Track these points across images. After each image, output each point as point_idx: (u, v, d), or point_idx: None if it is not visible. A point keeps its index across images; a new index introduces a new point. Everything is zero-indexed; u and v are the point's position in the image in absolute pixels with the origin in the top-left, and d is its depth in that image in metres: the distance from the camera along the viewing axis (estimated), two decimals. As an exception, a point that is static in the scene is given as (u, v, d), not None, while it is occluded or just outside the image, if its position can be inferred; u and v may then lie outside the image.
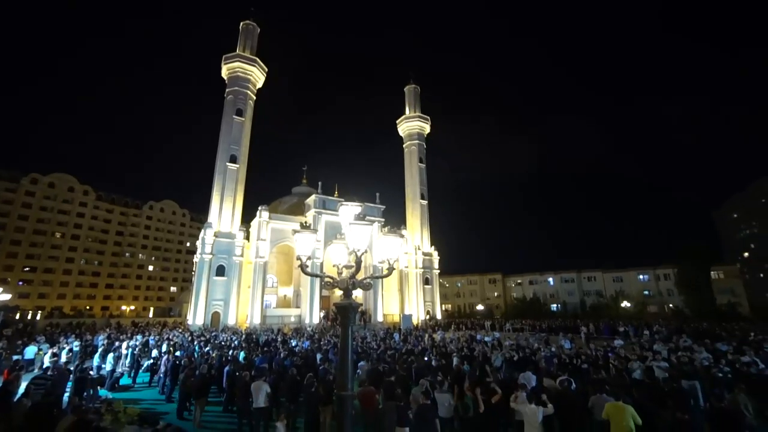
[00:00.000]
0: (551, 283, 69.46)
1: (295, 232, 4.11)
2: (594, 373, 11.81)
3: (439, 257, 54.62)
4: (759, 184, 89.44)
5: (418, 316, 47.40)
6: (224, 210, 39.68)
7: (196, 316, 35.45)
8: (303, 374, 11.24)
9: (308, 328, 33.25)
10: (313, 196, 44.65)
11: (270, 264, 44.32)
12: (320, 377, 11.44)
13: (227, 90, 44.33)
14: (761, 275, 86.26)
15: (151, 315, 68.89)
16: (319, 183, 44.67)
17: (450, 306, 72.26)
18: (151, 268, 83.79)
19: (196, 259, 38.87)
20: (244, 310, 38.80)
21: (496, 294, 73.33)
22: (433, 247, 54.49)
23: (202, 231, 38.29)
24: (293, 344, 21.36)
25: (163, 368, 14.41)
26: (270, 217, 41.24)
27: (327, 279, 4.07)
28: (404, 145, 58.70)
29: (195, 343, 21.08)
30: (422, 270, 51.37)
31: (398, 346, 20.18)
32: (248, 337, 25.16)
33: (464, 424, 7.09)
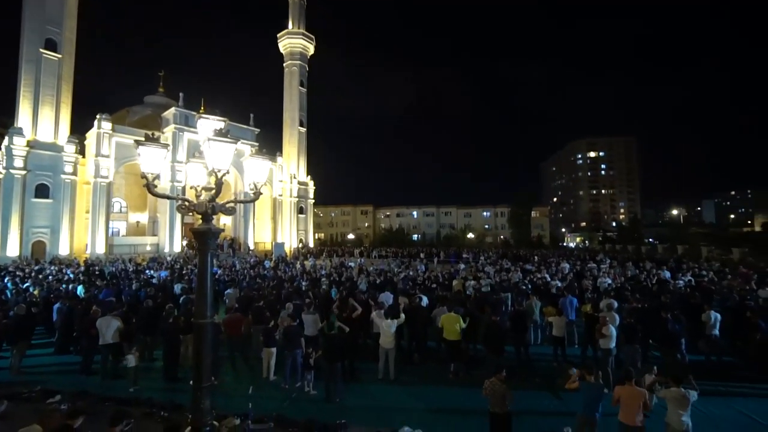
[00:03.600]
0: (415, 215, 77.77)
1: (138, 144, 3.44)
2: (440, 290, 14.19)
3: (314, 187, 54.50)
4: (572, 145, 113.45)
5: (291, 245, 47.78)
6: (42, 114, 30.46)
7: (6, 247, 28.20)
8: (160, 306, 10.47)
9: (168, 258, 30.26)
10: (172, 109, 37.77)
11: (117, 186, 37.37)
12: (181, 307, 10.86)
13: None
14: (560, 215, 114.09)
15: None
16: (180, 94, 37.71)
17: (323, 235, 74.51)
18: None
19: (0, 175, 29.92)
20: (82, 239, 32.55)
21: (366, 225, 78.50)
22: (309, 176, 53.75)
23: (7, 138, 29.07)
24: (149, 275, 19.37)
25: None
26: (114, 129, 33.66)
27: (181, 202, 3.65)
28: (285, 65, 53.17)
29: (6, 279, 17.07)
30: (297, 199, 50.77)
31: (268, 273, 20.27)
32: (89, 269, 21.62)
33: (328, 340, 7.82)
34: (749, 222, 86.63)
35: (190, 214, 3.90)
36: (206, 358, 3.49)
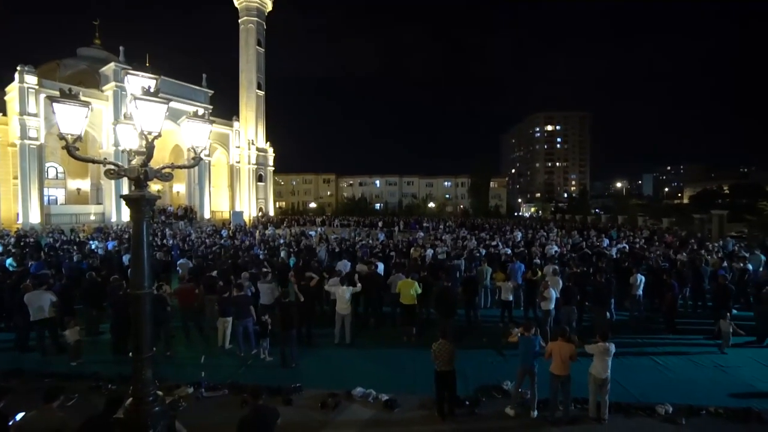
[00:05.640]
0: (377, 185, 77.89)
1: (52, 100, 3.07)
2: (398, 258, 14.52)
3: (274, 154, 52.62)
4: (530, 118, 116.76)
5: (251, 213, 46.49)
6: (-53, 62, 26.44)
7: None
8: (106, 277, 9.94)
9: (115, 227, 28.42)
10: (112, 65, 34.00)
11: (51, 149, 34.01)
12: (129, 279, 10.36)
13: None
14: (517, 186, 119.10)
15: None
16: (121, 48, 33.93)
17: (284, 203, 72.89)
18: None
19: None
20: (11, 208, 29.67)
21: (329, 193, 77.71)
22: (268, 143, 51.62)
23: None
24: (92, 246, 18.19)
25: None
26: (42, 84, 29.95)
27: (110, 166, 3.39)
28: (240, 20, 49.13)
29: None
30: (256, 166, 48.88)
31: (225, 242, 19.74)
32: (20, 240, 19.89)
33: (283, 308, 7.83)
34: (679, 195, 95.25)
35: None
36: (145, 328, 3.42)
